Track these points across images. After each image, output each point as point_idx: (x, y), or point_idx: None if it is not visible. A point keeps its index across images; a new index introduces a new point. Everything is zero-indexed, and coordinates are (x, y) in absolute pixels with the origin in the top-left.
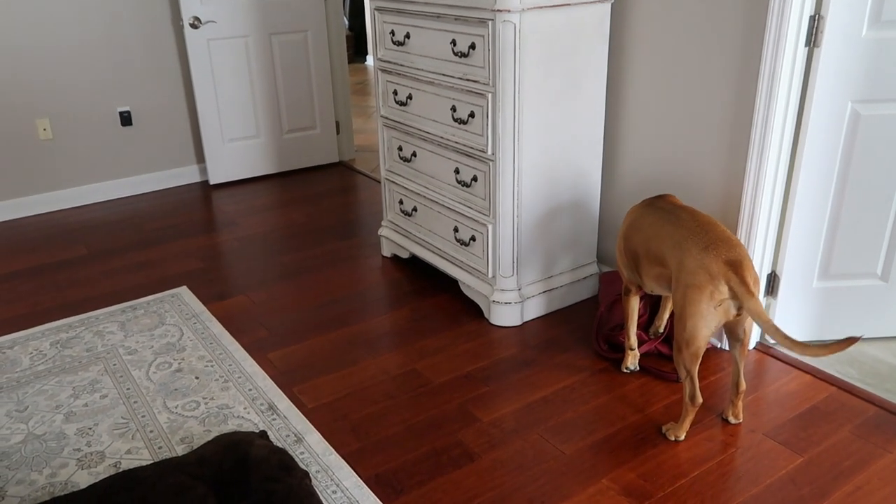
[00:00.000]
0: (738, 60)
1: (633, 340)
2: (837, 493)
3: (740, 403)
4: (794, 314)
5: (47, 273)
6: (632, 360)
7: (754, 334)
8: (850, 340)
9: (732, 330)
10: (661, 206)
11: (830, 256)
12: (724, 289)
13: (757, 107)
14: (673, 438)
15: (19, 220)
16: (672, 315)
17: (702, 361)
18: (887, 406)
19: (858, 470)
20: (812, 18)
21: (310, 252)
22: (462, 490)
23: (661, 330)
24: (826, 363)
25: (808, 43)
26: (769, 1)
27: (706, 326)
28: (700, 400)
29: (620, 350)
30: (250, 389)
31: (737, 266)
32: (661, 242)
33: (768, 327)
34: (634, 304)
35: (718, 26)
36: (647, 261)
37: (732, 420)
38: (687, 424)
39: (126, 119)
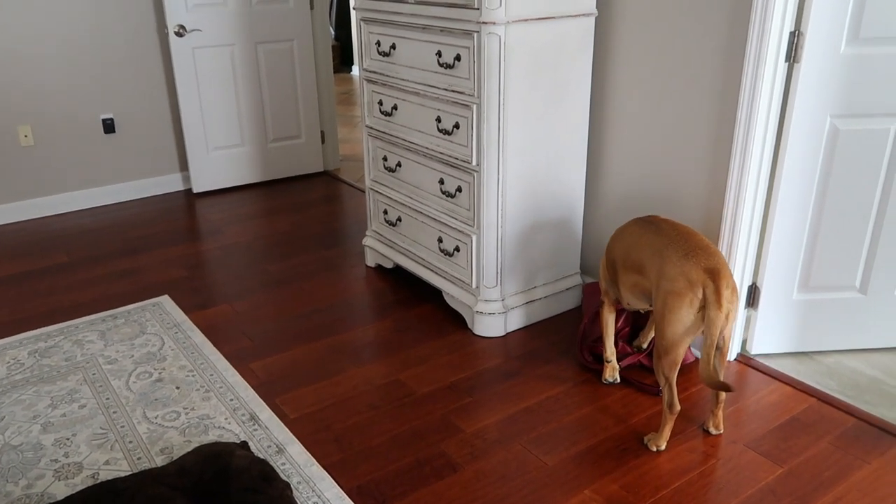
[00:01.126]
0: (719, 75)
1: (611, 353)
2: (817, 503)
3: (720, 413)
4: (774, 326)
5: (27, 281)
6: (610, 373)
7: (734, 345)
8: (727, 387)
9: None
10: (642, 219)
11: (810, 269)
12: (703, 296)
13: (738, 121)
14: (654, 448)
15: None
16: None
17: (683, 373)
18: (866, 418)
19: (838, 481)
20: (792, 34)
21: (294, 261)
22: (445, 501)
23: (644, 346)
24: (806, 375)
25: (787, 58)
26: (750, 17)
27: (685, 333)
28: (678, 407)
29: (602, 361)
30: (232, 399)
31: (715, 274)
32: (640, 250)
33: (710, 341)
34: (611, 318)
35: (700, 41)
36: (625, 269)
37: (713, 431)
38: (667, 433)
39: (109, 126)
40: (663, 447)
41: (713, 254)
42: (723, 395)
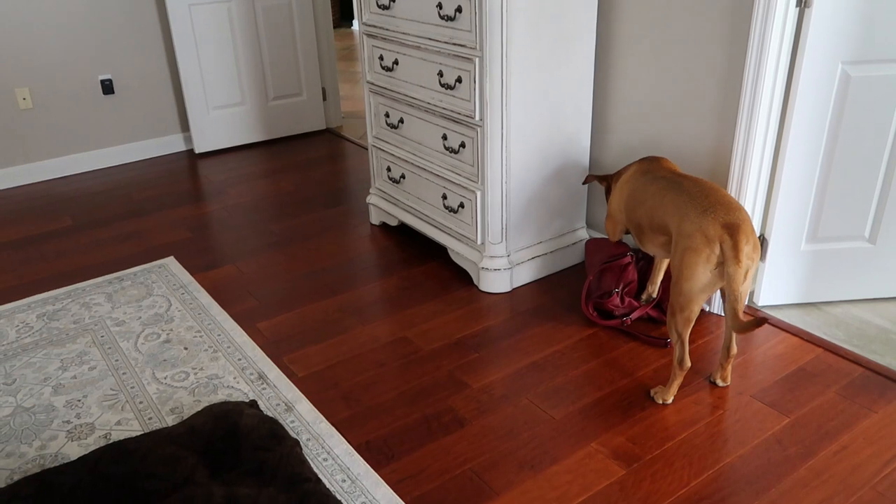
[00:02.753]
0: (728, 20)
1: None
2: (823, 452)
3: (729, 367)
4: (781, 277)
5: (32, 245)
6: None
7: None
8: (760, 322)
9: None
10: (662, 175)
11: (819, 219)
12: (720, 252)
13: (747, 68)
14: (661, 402)
15: (1, 192)
16: (664, 280)
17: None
18: (873, 367)
19: (844, 430)
20: None
21: (298, 220)
22: (453, 456)
23: (655, 295)
24: (813, 325)
25: (798, 3)
26: None
27: (701, 290)
28: (688, 364)
29: (610, 317)
30: (240, 359)
31: (733, 229)
32: (664, 211)
33: (734, 297)
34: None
35: None
36: (652, 230)
37: (720, 383)
38: (675, 388)
39: (108, 87)
40: (670, 401)
41: (734, 209)
42: (734, 349)
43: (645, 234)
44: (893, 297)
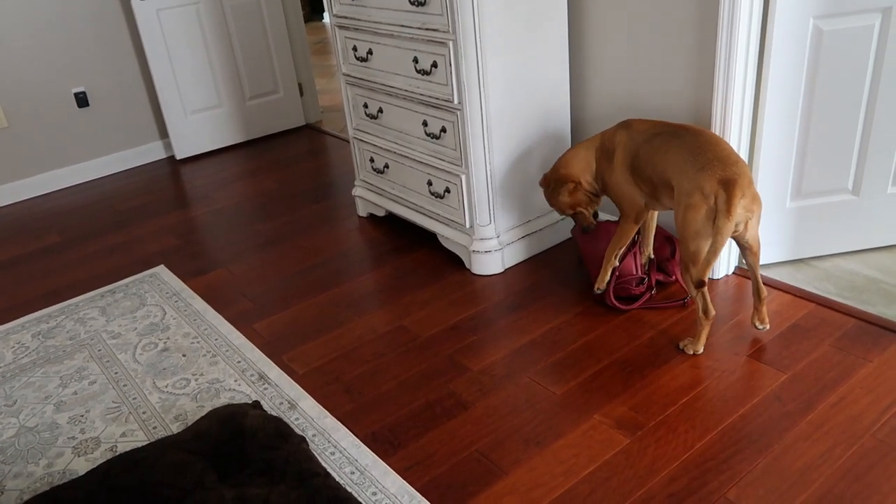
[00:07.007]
0: None
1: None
2: (822, 405)
3: (764, 308)
4: (769, 236)
5: (21, 264)
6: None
7: (731, 260)
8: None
9: (739, 241)
10: (657, 132)
11: (802, 176)
12: (715, 205)
13: (720, 28)
14: (692, 352)
15: None
16: (657, 237)
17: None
18: (866, 317)
19: (841, 381)
20: None
21: (285, 219)
22: (458, 438)
23: (652, 255)
24: (804, 281)
25: None
26: None
27: (707, 244)
28: (713, 312)
29: (629, 300)
30: (239, 361)
31: (729, 184)
32: (665, 167)
33: (714, 250)
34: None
35: None
36: (663, 186)
37: (759, 326)
38: (704, 338)
39: (82, 100)
40: (701, 350)
41: (732, 164)
42: (764, 291)
43: (659, 191)
44: (880, 247)
